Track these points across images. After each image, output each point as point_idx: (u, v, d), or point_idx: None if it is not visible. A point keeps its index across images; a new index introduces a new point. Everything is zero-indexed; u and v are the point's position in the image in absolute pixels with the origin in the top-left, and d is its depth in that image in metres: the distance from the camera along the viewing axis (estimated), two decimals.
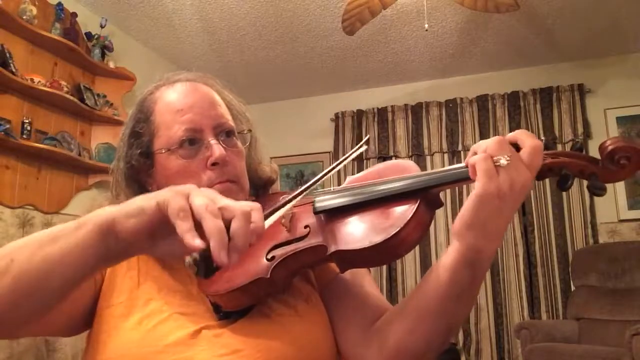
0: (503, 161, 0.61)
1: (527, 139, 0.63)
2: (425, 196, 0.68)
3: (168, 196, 0.53)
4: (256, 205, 0.55)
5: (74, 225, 0.56)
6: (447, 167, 0.68)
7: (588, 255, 3.71)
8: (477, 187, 0.62)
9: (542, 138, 0.67)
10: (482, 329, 4.04)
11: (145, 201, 0.54)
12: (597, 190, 0.63)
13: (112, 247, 0.55)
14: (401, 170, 0.74)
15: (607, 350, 2.97)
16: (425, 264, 4.25)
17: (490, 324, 4.04)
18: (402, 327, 0.73)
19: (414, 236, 0.68)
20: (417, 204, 0.67)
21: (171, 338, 0.71)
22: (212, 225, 0.50)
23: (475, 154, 0.64)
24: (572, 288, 3.78)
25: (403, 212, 0.67)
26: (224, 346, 0.71)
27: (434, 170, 0.69)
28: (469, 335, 4.05)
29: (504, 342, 4.02)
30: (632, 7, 3.45)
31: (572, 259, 3.85)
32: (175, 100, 0.84)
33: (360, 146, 0.81)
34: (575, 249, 3.95)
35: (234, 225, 0.51)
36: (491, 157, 0.62)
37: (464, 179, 0.66)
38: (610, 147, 0.62)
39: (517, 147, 0.64)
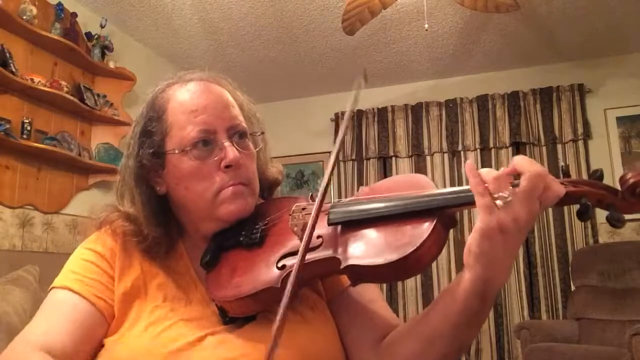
0: (499, 202, 0.60)
1: (526, 166, 0.61)
2: (442, 215, 0.67)
3: None
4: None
5: None
6: (466, 187, 0.67)
7: (588, 255, 3.71)
8: (478, 221, 0.62)
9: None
10: (482, 329, 4.04)
11: None
12: (615, 222, 0.62)
13: None
14: (416, 186, 0.73)
15: (607, 350, 2.97)
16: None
17: (490, 324, 4.04)
18: (412, 348, 0.73)
19: (429, 256, 0.66)
20: (434, 223, 0.66)
21: (177, 344, 0.71)
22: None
23: (472, 180, 0.63)
24: (572, 288, 3.78)
25: (420, 230, 0.66)
26: (229, 351, 0.71)
27: (452, 189, 0.68)
28: None
29: (504, 342, 4.02)
30: (631, 8, 3.45)
31: (572, 259, 3.85)
32: (188, 100, 0.82)
33: (357, 85, 0.76)
34: (575, 249, 3.95)
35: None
36: (489, 194, 0.61)
37: None
38: (631, 180, 0.61)
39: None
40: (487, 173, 0.62)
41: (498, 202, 0.60)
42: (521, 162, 0.62)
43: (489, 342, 4.02)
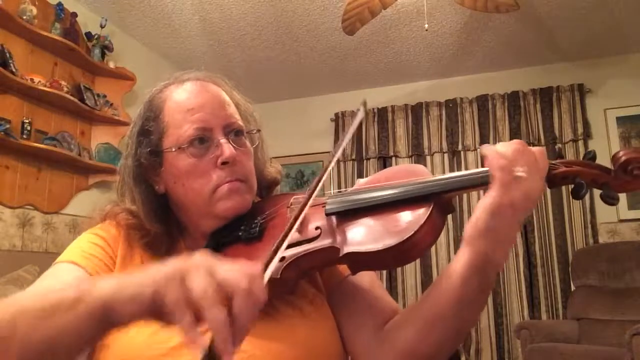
0: (521, 173, 0.61)
1: (532, 148, 0.64)
2: (439, 201, 0.68)
3: (163, 284, 0.50)
4: (256, 271, 0.51)
5: (72, 298, 0.54)
6: (461, 172, 0.68)
7: (588, 255, 3.71)
8: (491, 197, 0.62)
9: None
10: (482, 329, 4.04)
11: (140, 286, 0.51)
12: (609, 199, 0.64)
13: (111, 325, 0.53)
14: (412, 174, 0.74)
15: (607, 350, 2.97)
16: (425, 261, 4.25)
17: (490, 324, 4.04)
18: (413, 332, 0.74)
19: (427, 240, 0.68)
20: (430, 208, 0.67)
21: (175, 340, 0.71)
22: (213, 318, 0.47)
23: (493, 157, 0.63)
24: (572, 288, 3.78)
25: (417, 216, 0.67)
26: None
27: (447, 175, 0.69)
28: (469, 335, 4.05)
29: (504, 342, 4.02)
30: (632, 8, 3.45)
31: (572, 259, 3.85)
32: (185, 99, 0.84)
33: (358, 112, 0.78)
34: (575, 249, 3.95)
35: (237, 306, 0.48)
36: (512, 168, 0.61)
37: (479, 185, 0.66)
38: (623, 158, 0.62)
39: None
40: (506, 148, 0.63)
41: (520, 174, 0.61)
42: (498, 149, 0.64)
43: (489, 342, 4.02)
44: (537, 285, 4.04)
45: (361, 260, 0.70)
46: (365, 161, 4.65)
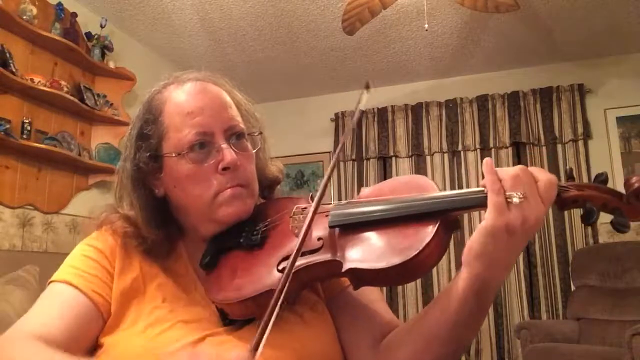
0: (515, 199, 0.60)
1: (541, 174, 0.63)
2: (445, 218, 0.66)
3: None
4: None
5: None
6: (469, 190, 0.66)
7: (588, 255, 3.71)
8: (485, 220, 0.61)
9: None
10: (482, 329, 4.03)
11: None
12: (620, 227, 0.62)
13: None
14: (418, 187, 0.72)
15: (607, 350, 2.97)
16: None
17: (490, 324, 4.04)
18: (410, 349, 0.73)
19: (432, 259, 0.66)
20: (436, 226, 0.65)
21: (176, 346, 0.70)
22: None
23: (490, 180, 0.62)
24: (572, 288, 3.78)
25: (422, 233, 0.65)
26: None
27: (455, 192, 0.67)
28: None
29: (504, 342, 4.02)
30: (632, 8, 3.45)
31: (572, 259, 3.85)
32: (185, 101, 0.81)
33: (362, 95, 0.76)
34: (575, 249, 3.95)
35: None
36: (504, 192, 0.60)
37: (486, 205, 0.64)
38: (636, 184, 0.61)
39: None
40: (505, 171, 0.62)
41: (514, 199, 0.60)
42: (536, 170, 0.63)
43: (489, 342, 4.02)
44: (537, 285, 4.04)
45: (364, 277, 0.68)
46: (365, 161, 4.64)
